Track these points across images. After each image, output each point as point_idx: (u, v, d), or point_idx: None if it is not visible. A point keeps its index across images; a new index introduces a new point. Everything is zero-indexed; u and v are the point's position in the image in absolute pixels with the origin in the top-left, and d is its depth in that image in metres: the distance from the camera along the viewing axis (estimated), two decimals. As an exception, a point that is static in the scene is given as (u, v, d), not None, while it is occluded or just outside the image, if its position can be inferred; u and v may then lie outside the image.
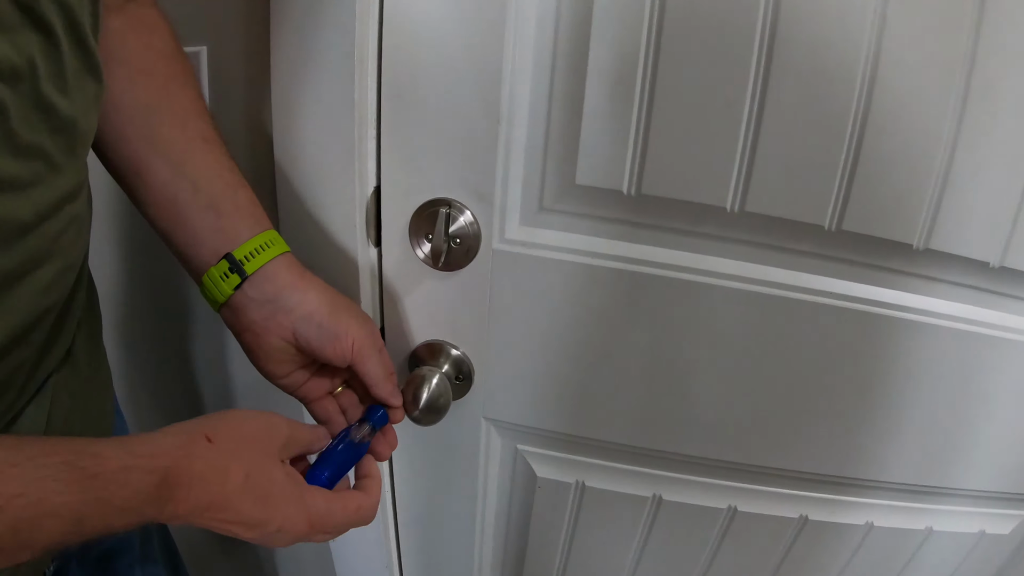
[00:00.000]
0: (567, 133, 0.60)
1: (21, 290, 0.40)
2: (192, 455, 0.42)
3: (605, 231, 0.64)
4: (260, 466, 0.46)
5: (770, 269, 0.63)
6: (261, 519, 0.46)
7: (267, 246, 0.55)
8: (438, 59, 0.59)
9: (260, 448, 0.47)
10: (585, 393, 0.71)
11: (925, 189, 0.58)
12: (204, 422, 0.45)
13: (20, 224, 0.38)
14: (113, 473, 0.38)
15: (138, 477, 0.39)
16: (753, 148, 0.58)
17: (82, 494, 0.36)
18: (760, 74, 0.55)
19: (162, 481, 0.40)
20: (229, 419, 0.47)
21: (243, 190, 0.56)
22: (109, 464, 0.38)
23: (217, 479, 0.43)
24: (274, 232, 0.56)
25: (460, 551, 0.87)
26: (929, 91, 0.55)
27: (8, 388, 0.44)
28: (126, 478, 0.38)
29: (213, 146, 0.55)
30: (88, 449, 0.37)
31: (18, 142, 0.36)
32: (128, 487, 0.38)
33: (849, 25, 0.53)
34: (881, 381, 0.67)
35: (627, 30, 0.56)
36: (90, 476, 0.36)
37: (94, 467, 0.37)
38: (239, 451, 0.45)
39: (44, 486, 0.35)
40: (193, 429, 0.44)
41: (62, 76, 0.39)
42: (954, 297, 0.64)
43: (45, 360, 0.47)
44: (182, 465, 0.41)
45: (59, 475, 0.35)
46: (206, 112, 0.56)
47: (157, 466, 0.40)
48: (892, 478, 0.72)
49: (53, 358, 0.49)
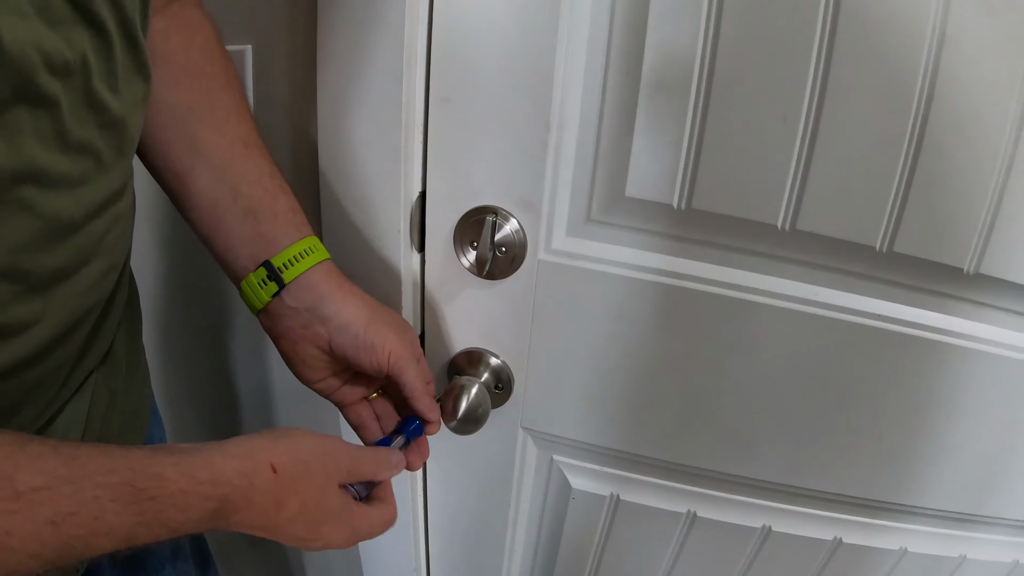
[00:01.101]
0: (618, 144, 0.60)
1: (67, 288, 0.41)
2: (253, 486, 0.42)
3: (653, 245, 0.64)
4: (316, 496, 0.46)
5: (819, 289, 0.63)
6: (307, 538, 0.46)
7: (306, 254, 0.55)
8: (488, 63, 0.59)
9: (319, 478, 0.47)
10: (624, 407, 0.71)
11: (978, 213, 0.57)
12: (270, 446, 0.44)
13: (69, 222, 0.39)
14: (171, 497, 0.37)
15: (197, 503, 0.39)
16: (807, 166, 0.57)
17: (139, 516, 0.36)
18: (817, 89, 0.55)
19: (219, 507, 0.40)
20: (295, 445, 0.46)
21: (283, 196, 0.56)
22: (169, 487, 0.37)
23: (273, 509, 0.43)
24: (314, 239, 0.56)
25: (490, 558, 0.87)
26: (986, 112, 0.54)
27: (51, 385, 0.44)
28: (185, 503, 0.38)
29: (253, 150, 0.55)
30: (149, 470, 0.37)
31: (69, 138, 0.37)
32: (186, 512, 0.38)
33: (907, 43, 0.53)
34: (925, 406, 0.66)
35: (682, 39, 0.56)
36: (148, 498, 0.36)
37: (153, 490, 0.37)
38: (298, 483, 0.45)
39: (101, 506, 0.35)
40: (258, 455, 0.43)
41: (113, 74, 0.39)
42: (1003, 324, 0.63)
43: (86, 358, 0.48)
44: (243, 494, 0.41)
45: (117, 496, 0.35)
46: (248, 115, 0.56)
47: (216, 494, 0.40)
48: (929, 504, 0.72)
49: (93, 356, 0.49)
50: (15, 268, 0.36)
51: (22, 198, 0.35)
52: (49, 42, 0.33)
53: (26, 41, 0.32)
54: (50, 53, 0.33)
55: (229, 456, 0.42)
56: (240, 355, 0.86)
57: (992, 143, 0.55)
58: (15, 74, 0.32)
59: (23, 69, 0.32)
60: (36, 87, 0.33)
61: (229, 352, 0.86)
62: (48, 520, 0.33)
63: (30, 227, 0.36)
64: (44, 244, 0.37)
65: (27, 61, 0.32)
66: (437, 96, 0.61)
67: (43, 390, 0.44)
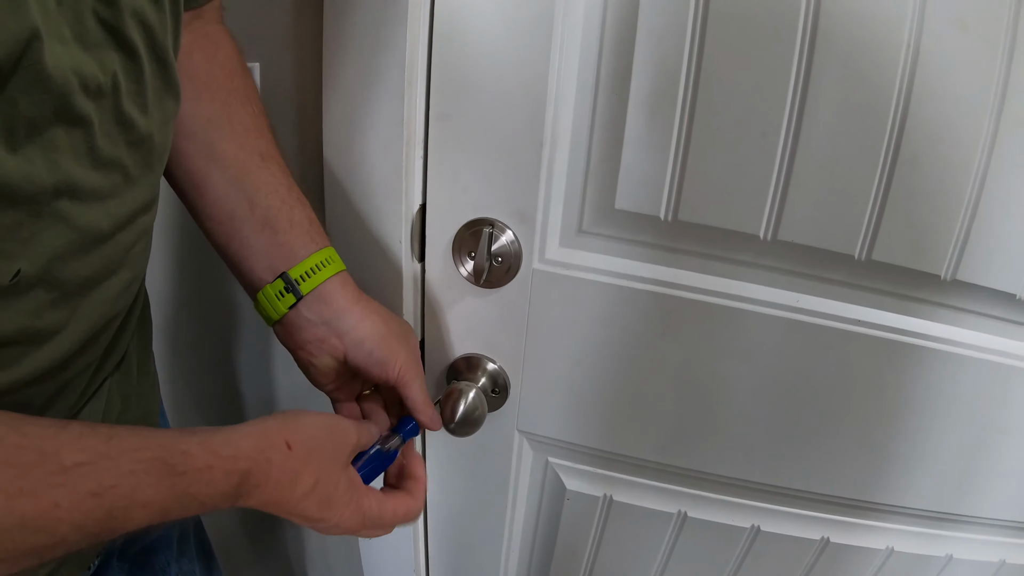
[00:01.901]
0: (608, 159, 0.62)
1: (95, 297, 0.42)
2: (271, 460, 0.44)
3: (641, 255, 0.65)
4: (328, 473, 0.48)
5: (800, 296, 0.64)
6: (320, 517, 0.48)
7: (323, 265, 0.55)
8: (485, 83, 0.60)
9: (330, 455, 0.49)
10: (616, 410, 0.72)
11: (954, 221, 0.58)
12: (283, 426, 0.46)
13: (98, 233, 0.40)
14: (198, 471, 0.39)
15: (220, 477, 0.41)
16: (787, 178, 0.59)
17: (171, 489, 0.38)
18: (795, 105, 0.56)
19: (241, 482, 0.42)
20: (306, 424, 0.48)
21: (300, 207, 0.56)
22: (195, 463, 0.39)
23: (289, 483, 0.45)
24: (331, 250, 0.57)
25: (487, 558, 0.88)
26: (960, 125, 0.55)
27: (74, 389, 0.46)
28: (210, 476, 0.40)
29: (271, 163, 0.56)
30: (177, 446, 0.39)
31: (99, 155, 0.38)
32: (211, 485, 0.40)
33: (883, 59, 0.54)
34: (905, 408, 0.67)
35: (668, 60, 0.57)
36: (178, 473, 0.38)
37: (182, 465, 0.39)
38: (311, 458, 0.46)
39: (137, 479, 0.36)
40: (273, 433, 0.45)
41: (142, 94, 0.41)
42: (980, 328, 0.64)
43: (105, 364, 0.49)
44: (261, 469, 0.43)
45: (151, 470, 0.37)
46: (266, 129, 0.57)
47: (238, 468, 0.42)
48: (913, 504, 0.72)
49: (111, 363, 0.50)
50: (51, 276, 0.37)
51: (59, 210, 0.36)
52: (85, 66, 0.35)
53: (66, 66, 0.33)
54: (85, 76, 0.35)
55: (246, 435, 0.43)
56: (245, 364, 0.87)
57: (966, 155, 0.56)
58: (56, 96, 0.33)
59: (63, 92, 0.34)
60: (72, 108, 0.35)
61: (234, 361, 0.87)
62: (91, 492, 0.35)
63: (65, 237, 0.37)
64: (77, 254, 0.39)
65: (66, 84, 0.34)
66: (437, 113, 0.62)
67: (68, 394, 0.45)
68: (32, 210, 0.34)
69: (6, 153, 0.32)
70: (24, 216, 0.34)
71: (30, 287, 0.36)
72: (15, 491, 0.32)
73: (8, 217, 0.33)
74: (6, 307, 0.36)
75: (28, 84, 0.32)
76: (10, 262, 0.35)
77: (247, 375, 0.88)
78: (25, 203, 0.34)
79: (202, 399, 0.91)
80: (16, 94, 0.31)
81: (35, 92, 0.32)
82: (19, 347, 0.38)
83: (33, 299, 0.37)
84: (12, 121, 0.32)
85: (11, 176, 0.32)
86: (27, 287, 0.36)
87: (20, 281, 0.35)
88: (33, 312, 0.38)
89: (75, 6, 0.34)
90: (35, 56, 0.31)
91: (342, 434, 0.51)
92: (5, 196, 0.33)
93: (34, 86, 0.32)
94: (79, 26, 0.35)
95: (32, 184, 0.34)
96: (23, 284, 0.36)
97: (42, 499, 0.33)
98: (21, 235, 0.35)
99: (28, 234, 0.35)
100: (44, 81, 0.32)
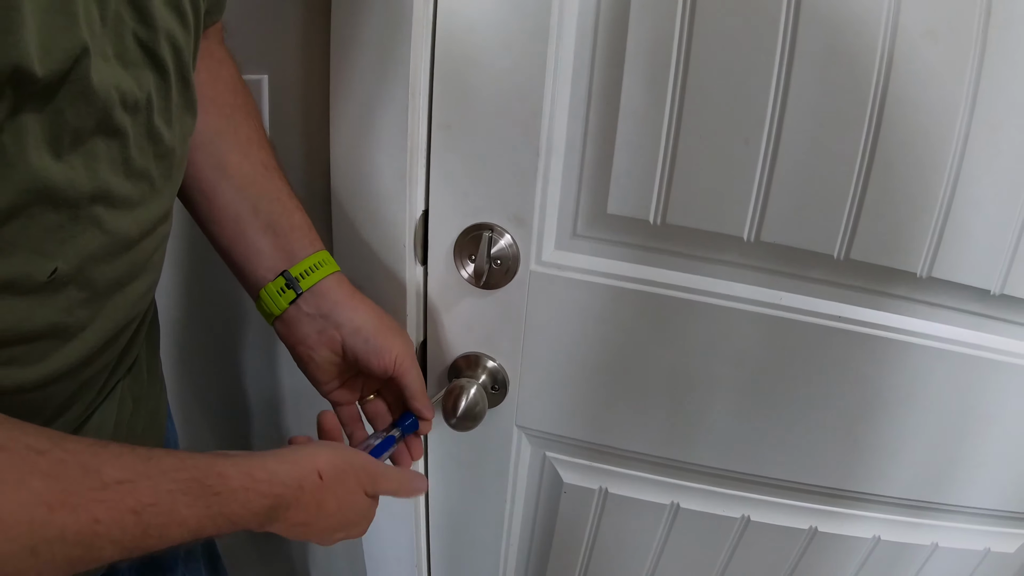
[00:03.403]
0: (600, 167, 0.63)
1: (120, 299, 0.45)
2: (303, 488, 0.45)
3: (632, 256, 0.67)
4: (350, 499, 0.50)
5: (783, 294, 0.66)
6: (335, 535, 0.51)
7: (320, 265, 0.58)
8: (485, 94, 0.62)
9: (352, 485, 0.51)
10: (610, 405, 0.74)
11: (928, 221, 0.60)
12: (315, 456, 0.48)
13: (127, 239, 0.42)
14: (233, 492, 0.40)
15: (255, 499, 0.42)
16: (768, 182, 0.61)
17: (206, 509, 0.39)
18: (776, 114, 0.58)
19: (274, 504, 0.43)
20: (334, 456, 0.49)
21: (299, 213, 0.59)
22: (231, 484, 0.40)
23: (316, 508, 0.47)
24: (326, 252, 0.60)
25: (488, 549, 0.89)
26: (932, 131, 0.57)
27: (93, 386, 0.48)
28: (245, 498, 0.41)
29: (273, 173, 0.59)
30: (213, 468, 0.40)
31: (132, 166, 0.40)
32: (246, 507, 0.41)
33: (858, 69, 0.56)
34: (886, 401, 0.68)
35: (656, 73, 0.59)
36: (214, 493, 0.39)
37: (218, 486, 0.40)
38: (337, 487, 0.49)
39: (175, 499, 0.37)
40: (305, 463, 0.47)
41: (168, 110, 0.43)
42: (956, 322, 0.66)
43: (119, 366, 0.51)
44: (293, 495, 0.45)
45: (188, 490, 0.38)
46: (267, 142, 0.60)
47: (272, 492, 0.43)
48: (897, 493, 0.74)
49: (124, 365, 0.52)
50: (83, 276, 0.40)
51: (95, 215, 0.38)
52: (124, 82, 0.37)
53: (108, 81, 0.36)
54: (125, 92, 0.37)
55: (281, 461, 0.45)
56: (250, 368, 0.87)
57: (939, 158, 0.58)
58: (99, 110, 0.36)
59: (105, 105, 0.36)
60: (112, 120, 0.37)
61: (239, 365, 0.88)
62: (131, 509, 0.35)
63: (98, 240, 0.39)
64: (108, 257, 0.41)
65: (108, 98, 0.36)
66: (439, 123, 0.64)
67: (88, 391, 0.47)
68: (71, 213, 0.37)
69: (51, 159, 0.34)
70: (64, 219, 0.37)
71: (64, 285, 0.39)
72: (57, 503, 0.32)
73: (49, 219, 0.36)
74: (43, 303, 0.38)
75: (75, 96, 0.34)
76: (49, 260, 0.37)
77: (252, 381, 0.89)
78: (66, 206, 0.36)
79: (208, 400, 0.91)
80: (64, 105, 0.34)
81: (81, 104, 0.34)
82: (50, 342, 0.40)
83: (66, 297, 0.39)
84: (59, 130, 0.34)
85: (56, 180, 0.35)
86: (62, 285, 0.38)
87: (56, 279, 0.37)
88: (65, 309, 0.40)
89: (117, 27, 0.37)
90: (83, 71, 0.34)
91: (365, 471, 0.52)
92: (49, 199, 0.35)
93: (80, 98, 0.34)
94: (120, 45, 0.37)
95: (74, 189, 0.36)
96: (59, 282, 0.38)
97: (82, 513, 0.33)
98: (60, 236, 0.37)
99: (66, 235, 0.37)
100: (89, 94, 0.35)
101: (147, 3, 0.39)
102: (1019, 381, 0.67)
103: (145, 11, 0.39)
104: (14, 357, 0.39)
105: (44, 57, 0.31)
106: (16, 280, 0.36)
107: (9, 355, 0.38)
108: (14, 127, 0.32)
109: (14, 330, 0.37)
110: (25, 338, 0.38)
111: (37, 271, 0.36)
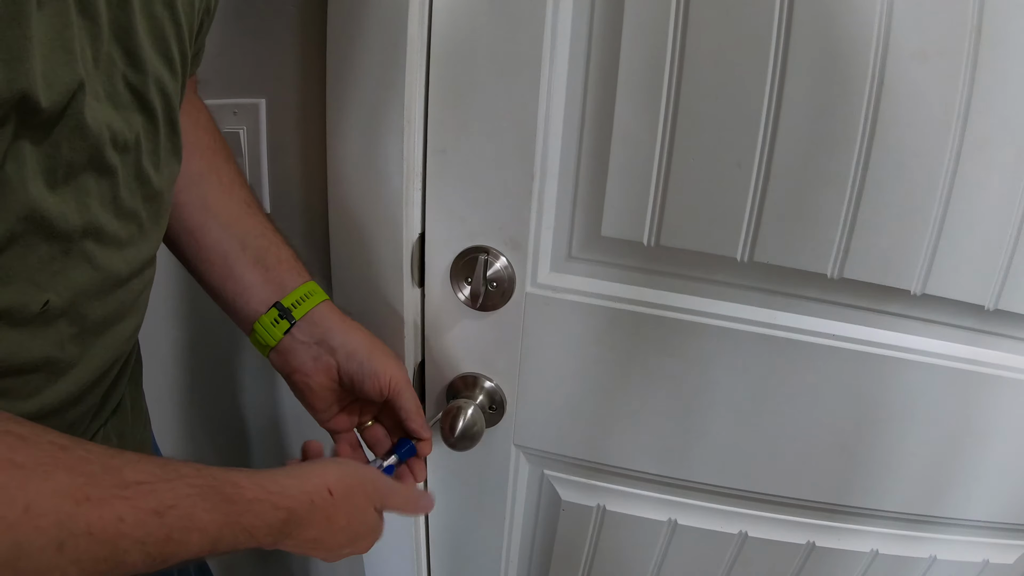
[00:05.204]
0: (594, 190, 0.64)
1: (108, 337, 0.45)
2: (314, 503, 0.46)
3: (627, 278, 0.67)
4: (359, 515, 0.51)
5: (777, 313, 0.66)
6: (343, 550, 0.51)
7: (310, 295, 0.60)
8: (480, 118, 0.63)
9: (363, 501, 0.51)
10: (607, 424, 0.74)
11: (922, 239, 0.61)
12: (325, 473, 0.48)
13: (117, 277, 0.43)
14: (248, 503, 0.41)
15: (269, 511, 0.42)
16: (761, 204, 0.61)
17: (224, 517, 0.39)
18: (768, 136, 0.59)
19: (288, 518, 0.44)
20: (345, 472, 0.50)
21: (284, 247, 0.61)
22: (246, 494, 0.41)
23: (326, 523, 0.47)
24: (314, 283, 0.61)
25: (487, 568, 0.89)
26: (923, 150, 0.58)
27: (77, 429, 0.48)
28: (260, 509, 0.41)
29: (254, 210, 0.61)
30: (228, 478, 0.40)
31: (121, 205, 0.41)
32: (260, 518, 0.41)
33: (849, 90, 0.57)
34: (882, 417, 0.68)
35: (648, 97, 0.60)
36: (230, 501, 0.40)
37: (234, 495, 0.40)
38: (347, 503, 0.49)
39: (194, 503, 0.37)
40: (316, 479, 0.47)
41: (156, 153, 0.44)
42: (951, 338, 0.66)
43: (104, 408, 0.52)
44: (305, 509, 0.45)
45: (206, 495, 0.38)
46: (246, 183, 0.62)
47: (285, 505, 0.43)
48: (895, 507, 0.74)
49: (109, 407, 0.53)
50: (74, 310, 0.40)
51: (86, 250, 0.39)
52: (116, 122, 0.38)
53: (101, 119, 0.37)
54: (115, 131, 0.38)
55: (293, 477, 0.46)
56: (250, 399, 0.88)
57: (931, 177, 0.58)
58: (91, 146, 0.36)
59: (97, 142, 0.37)
60: (104, 158, 0.38)
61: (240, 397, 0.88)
62: (153, 510, 0.35)
63: (89, 275, 0.40)
64: (99, 293, 0.42)
65: (100, 136, 0.37)
66: (434, 148, 0.65)
67: (73, 432, 0.47)
68: (63, 247, 0.38)
69: (47, 190, 0.35)
70: (56, 251, 0.37)
71: (56, 318, 0.39)
72: (82, 497, 0.32)
73: (43, 250, 0.36)
74: (35, 335, 0.38)
75: (70, 131, 0.35)
76: (42, 292, 0.37)
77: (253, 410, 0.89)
78: (57, 239, 0.37)
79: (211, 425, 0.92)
80: (60, 139, 0.34)
81: (75, 139, 0.35)
82: (42, 376, 0.41)
83: (57, 331, 0.40)
84: (54, 163, 0.35)
85: (50, 212, 0.35)
86: (53, 318, 0.39)
87: (48, 311, 0.38)
88: (57, 343, 0.40)
89: (108, 69, 0.38)
90: (78, 106, 0.35)
91: (373, 487, 0.53)
92: (43, 230, 0.36)
93: (75, 133, 0.35)
94: (111, 87, 0.38)
95: (65, 221, 0.37)
96: (50, 314, 0.38)
97: (106, 510, 0.33)
98: (53, 268, 0.38)
99: (59, 268, 0.38)
100: (83, 130, 0.35)
101: (137, 48, 0.40)
102: (1015, 394, 0.67)
103: (135, 56, 0.40)
104: (7, 389, 0.39)
105: (47, 89, 0.32)
106: (11, 309, 0.36)
107: (3, 387, 0.39)
108: (15, 155, 0.33)
109: (8, 361, 0.38)
110: (19, 370, 0.39)
111: (32, 301, 0.37)
